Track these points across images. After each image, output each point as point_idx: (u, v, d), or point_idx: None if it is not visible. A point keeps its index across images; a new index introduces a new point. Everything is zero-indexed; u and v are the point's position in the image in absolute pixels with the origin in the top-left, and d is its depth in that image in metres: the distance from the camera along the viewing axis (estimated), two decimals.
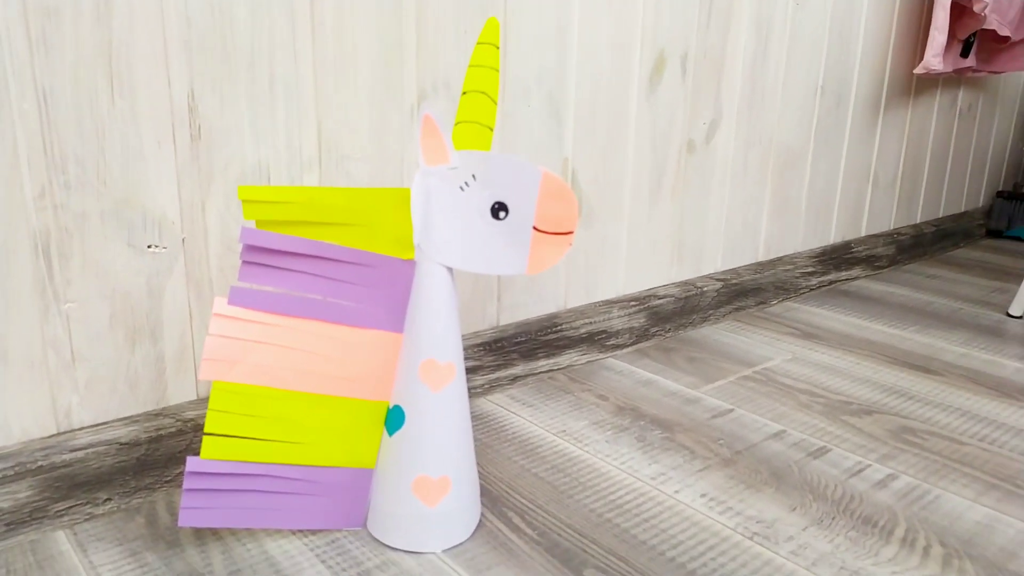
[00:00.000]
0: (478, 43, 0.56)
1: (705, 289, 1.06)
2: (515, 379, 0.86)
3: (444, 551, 0.57)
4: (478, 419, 0.78)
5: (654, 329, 1.01)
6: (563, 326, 0.89)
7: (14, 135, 0.53)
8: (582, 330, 0.92)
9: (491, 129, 0.57)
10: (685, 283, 1.06)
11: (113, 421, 0.61)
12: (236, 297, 0.54)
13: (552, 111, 0.84)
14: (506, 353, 0.85)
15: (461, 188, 0.55)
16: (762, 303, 1.17)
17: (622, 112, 0.91)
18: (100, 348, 0.60)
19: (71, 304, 0.58)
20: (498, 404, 0.81)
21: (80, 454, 0.59)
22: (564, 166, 0.87)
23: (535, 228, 0.57)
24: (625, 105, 0.91)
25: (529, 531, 0.59)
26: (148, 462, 0.62)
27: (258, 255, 0.54)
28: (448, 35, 0.74)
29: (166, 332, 0.63)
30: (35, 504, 0.57)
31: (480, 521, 0.61)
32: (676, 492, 0.66)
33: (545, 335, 0.88)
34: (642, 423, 0.78)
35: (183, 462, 0.63)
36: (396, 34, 0.70)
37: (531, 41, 0.80)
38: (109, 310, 0.60)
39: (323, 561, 0.55)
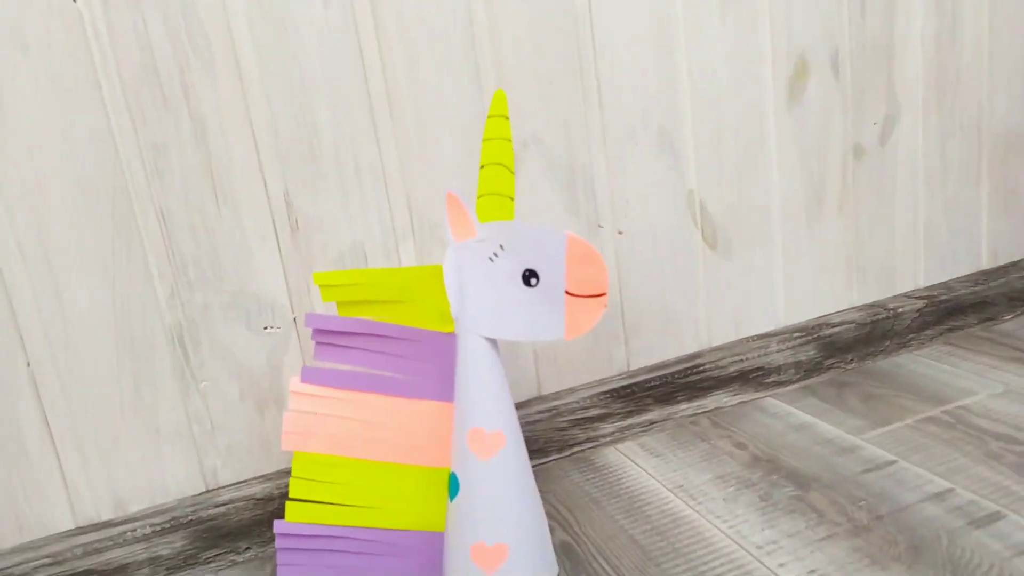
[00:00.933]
0: (488, 116, 0.57)
1: (901, 310, 0.93)
2: (650, 425, 0.83)
3: None
4: (597, 470, 0.77)
5: (829, 361, 0.90)
6: (707, 366, 0.84)
7: (143, 249, 0.65)
8: (731, 369, 0.85)
9: (511, 199, 0.57)
10: (871, 306, 0.93)
11: (251, 479, 0.71)
12: (307, 375, 0.60)
13: (665, 145, 0.80)
14: (638, 399, 0.82)
15: (491, 259, 0.56)
16: (989, 320, 0.99)
17: (757, 130, 0.84)
18: (235, 417, 0.70)
19: (206, 383, 0.69)
20: (623, 453, 0.79)
21: (223, 508, 0.69)
22: (689, 200, 0.82)
23: (568, 292, 0.55)
24: (760, 122, 0.84)
25: None
26: (281, 514, 0.71)
27: (325, 336, 0.60)
28: (531, 90, 0.74)
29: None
30: (188, 552, 0.68)
31: None
32: (781, 566, 0.59)
33: (685, 377, 0.84)
34: (774, 477, 0.71)
35: None
36: (478, 101, 0.72)
37: (628, 74, 0.78)
38: (238, 385, 0.70)
39: None
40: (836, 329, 0.90)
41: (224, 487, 0.71)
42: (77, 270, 0.64)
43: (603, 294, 0.55)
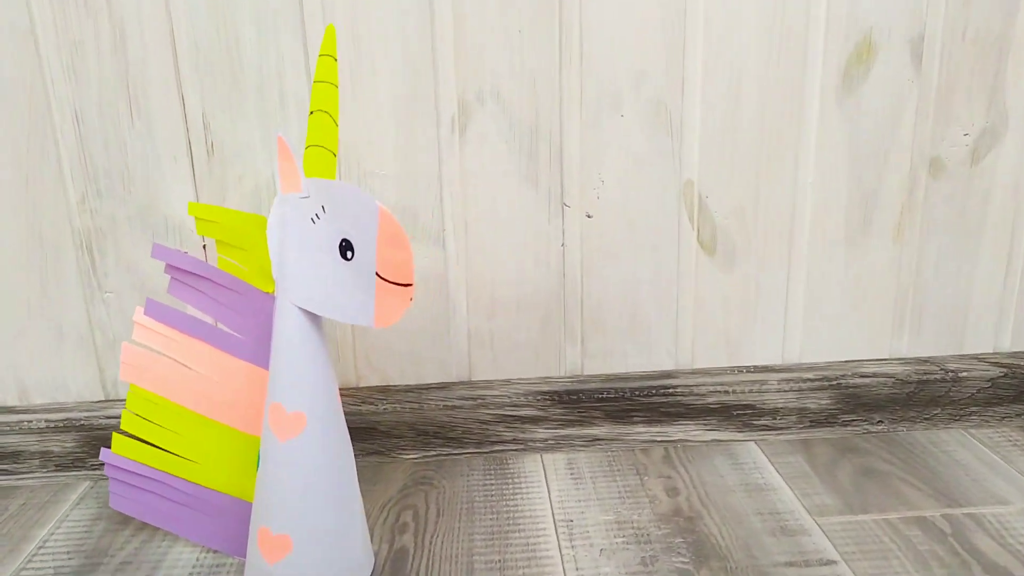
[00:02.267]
0: (319, 55, 0.48)
1: (965, 375, 0.73)
2: (593, 442, 0.72)
3: None
4: (505, 477, 0.68)
5: (847, 417, 0.73)
6: (679, 389, 0.71)
7: (57, 150, 0.64)
8: (710, 399, 0.72)
9: (335, 154, 0.48)
10: (922, 362, 0.74)
11: None
12: (150, 309, 0.57)
13: (660, 120, 0.67)
14: (585, 409, 0.71)
15: (312, 220, 0.49)
16: None
17: (791, 118, 0.67)
18: None
19: (110, 293, 0.68)
20: (545, 467, 0.69)
21: (116, 421, 0.69)
22: (686, 192, 0.68)
23: (378, 274, 0.47)
24: (797, 108, 0.67)
25: None
26: None
27: (175, 272, 0.56)
28: (494, 32, 0.64)
29: None
30: (76, 454, 0.69)
31: None
32: None
33: (649, 396, 0.71)
34: (677, 541, 0.58)
35: None
36: (427, 38, 0.64)
37: (621, 26, 0.65)
38: (141, 301, 0.68)
39: None
40: (867, 380, 0.72)
41: (121, 400, 0.70)
42: None
43: (409, 284, 0.46)
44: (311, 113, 0.49)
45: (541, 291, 0.70)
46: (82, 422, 0.69)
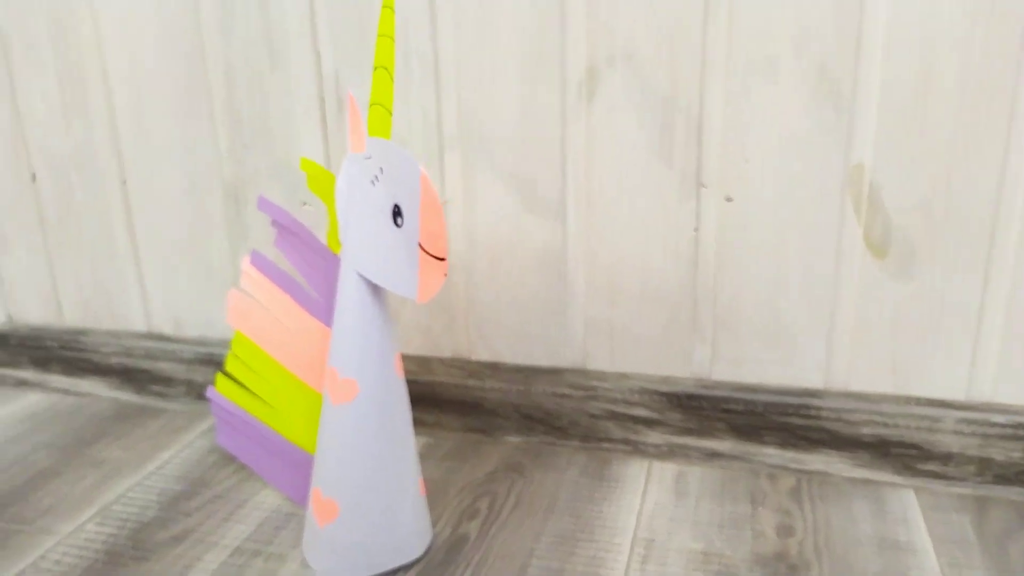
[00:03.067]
0: (382, 6, 0.44)
1: None
2: (712, 457, 0.63)
3: None
4: (602, 479, 0.62)
5: None
6: (826, 413, 0.60)
7: (211, 99, 0.68)
8: (864, 429, 0.60)
9: (391, 113, 0.45)
10: None
11: None
12: (255, 259, 0.58)
13: (824, 90, 0.55)
14: (707, 418, 0.63)
15: (372, 182, 0.46)
16: None
17: (1003, 95, 0.53)
18: None
19: (251, 241, 0.71)
20: (650, 475, 0.62)
21: None
22: (855, 178, 0.57)
23: (420, 245, 0.43)
24: (1012, 82, 0.53)
25: None
26: None
27: (279, 226, 0.57)
28: None
29: None
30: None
31: (398, 574, 0.52)
32: None
33: (787, 415, 0.61)
34: None
35: None
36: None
37: None
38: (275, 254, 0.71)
39: (261, 530, 0.57)
40: None
41: None
42: (160, 104, 0.70)
43: (444, 259, 0.41)
44: (374, 69, 0.46)
45: (669, 281, 0.63)
46: (222, 357, 0.73)
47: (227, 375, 0.60)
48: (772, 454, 0.62)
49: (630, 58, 0.58)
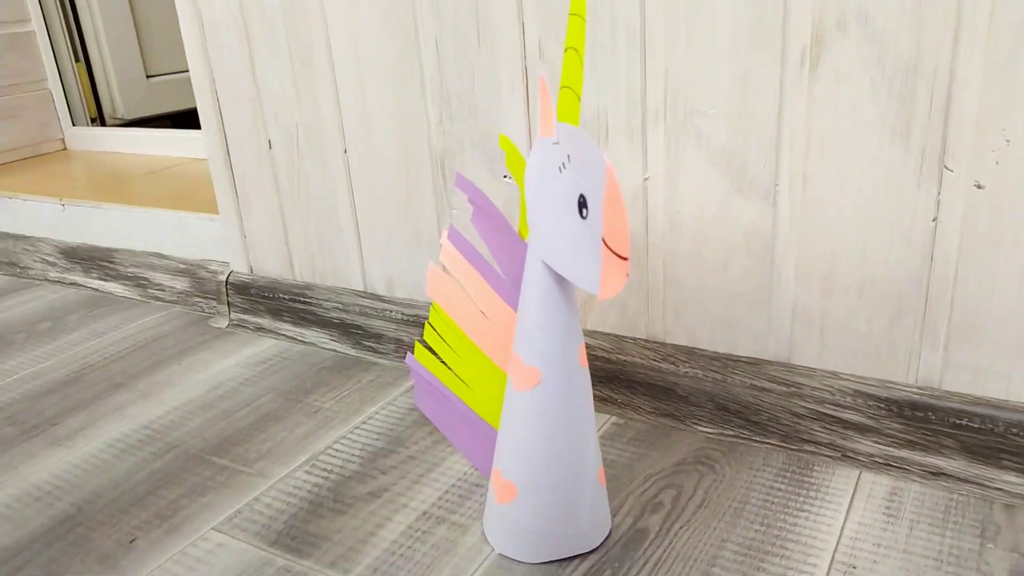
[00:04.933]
0: None
1: None
2: (935, 475, 0.56)
3: (502, 554, 0.52)
4: (801, 486, 0.57)
5: None
6: None
7: (421, 73, 0.70)
8: None
9: (580, 98, 0.42)
10: None
11: None
12: (452, 235, 0.59)
13: None
14: (933, 431, 0.56)
15: (560, 169, 0.44)
16: None
17: None
18: None
19: (455, 211, 0.73)
20: (859, 487, 0.56)
21: None
22: None
23: (603, 240, 0.41)
24: None
25: None
26: None
27: (474, 204, 0.58)
28: None
29: None
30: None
31: (574, 562, 0.51)
32: None
33: None
34: None
35: None
36: None
37: None
38: None
39: (447, 496, 0.59)
40: None
41: None
42: (376, 77, 0.72)
43: (626, 259, 0.39)
44: (564, 50, 0.44)
45: (896, 274, 0.55)
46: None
47: (425, 345, 0.62)
48: (1012, 482, 0.54)
49: (866, 19, 0.51)
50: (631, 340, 0.67)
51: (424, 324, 0.57)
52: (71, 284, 1.09)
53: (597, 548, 0.52)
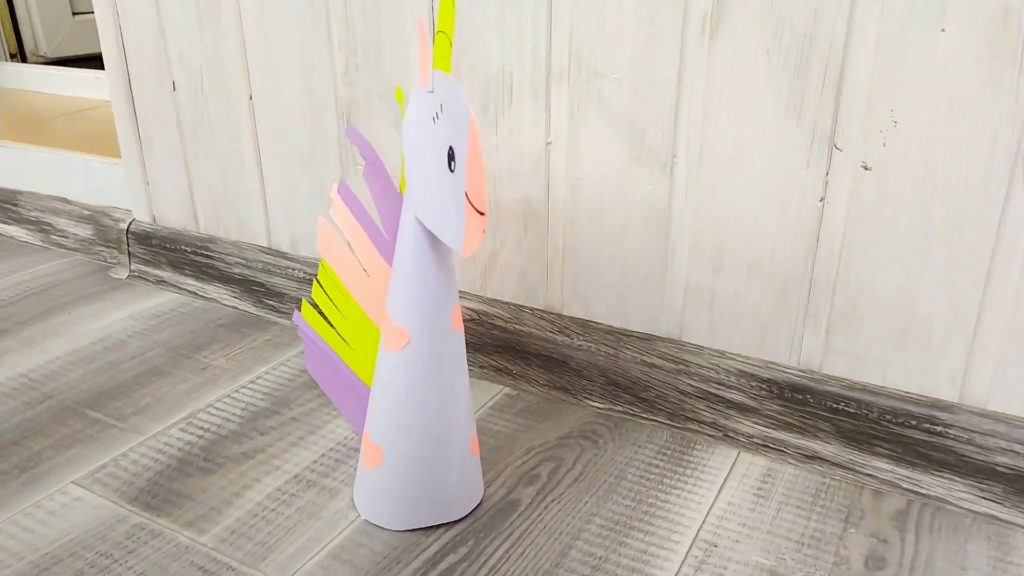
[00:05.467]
0: None
1: None
2: (809, 459, 0.56)
3: (367, 521, 0.51)
4: (680, 464, 0.56)
5: None
6: (955, 431, 0.51)
7: (328, 21, 0.67)
8: (1001, 459, 0.50)
9: (451, 44, 0.40)
10: None
11: None
12: (342, 189, 0.57)
13: (1005, 41, 0.44)
14: (810, 415, 0.56)
15: (433, 120, 0.42)
16: None
17: None
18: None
19: (359, 166, 0.71)
20: (735, 468, 0.56)
21: None
22: None
23: (466, 195, 0.39)
24: None
25: None
26: None
27: (365, 159, 0.55)
28: None
29: None
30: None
31: (439, 530, 0.50)
32: None
33: (906, 426, 0.53)
34: None
35: None
36: None
37: None
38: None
39: (323, 460, 0.58)
40: None
41: None
42: (282, 20, 0.69)
43: (484, 214, 0.37)
44: None
45: (783, 254, 0.55)
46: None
47: (311, 303, 0.60)
48: (883, 468, 0.54)
49: None
50: (529, 310, 0.66)
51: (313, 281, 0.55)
52: None
53: (464, 518, 0.51)
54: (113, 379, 0.68)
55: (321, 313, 0.59)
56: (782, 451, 0.57)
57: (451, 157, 0.41)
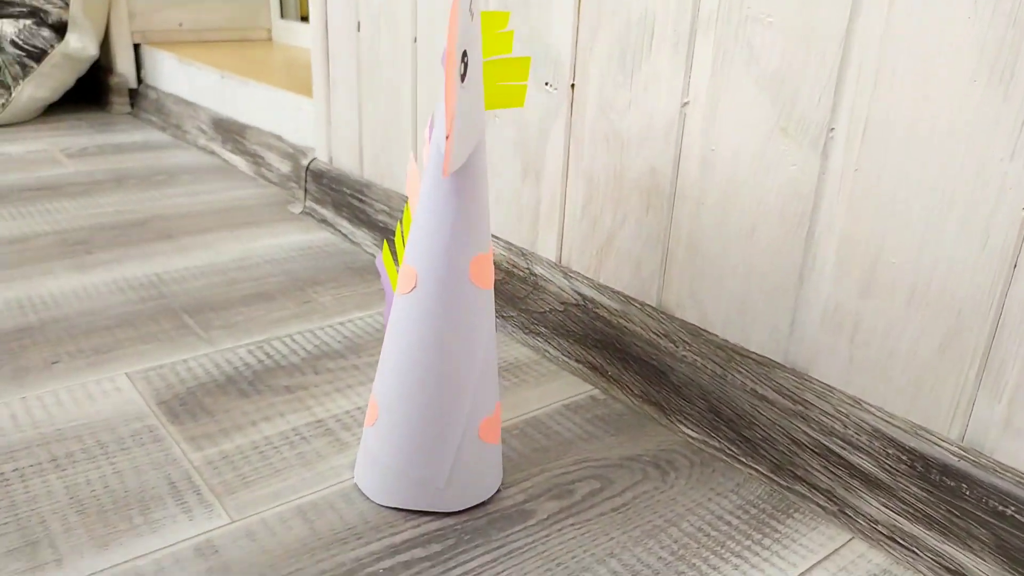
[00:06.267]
0: None
1: None
2: (950, 573, 0.39)
3: (356, 486, 0.45)
4: (766, 534, 0.43)
5: None
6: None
7: None
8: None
9: None
10: None
11: (499, 238, 0.66)
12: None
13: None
14: (962, 512, 0.39)
15: (471, 15, 0.34)
16: None
17: None
18: (504, 169, 0.64)
19: (497, 118, 0.64)
20: (825, 560, 0.41)
21: None
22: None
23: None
24: None
25: None
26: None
27: None
28: None
29: (545, 178, 0.61)
30: None
31: (422, 518, 0.42)
32: None
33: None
34: None
35: (515, 307, 0.64)
36: None
37: None
38: (512, 134, 0.63)
39: (356, 412, 0.52)
40: None
41: None
42: None
43: (449, 136, 0.29)
44: None
45: (962, 280, 0.39)
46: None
47: (391, 245, 0.55)
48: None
49: None
50: (639, 305, 0.55)
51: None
52: (210, 152, 1.14)
53: (457, 513, 0.43)
54: (223, 294, 0.68)
55: (394, 256, 0.54)
56: (912, 551, 0.41)
57: (465, 66, 0.33)
